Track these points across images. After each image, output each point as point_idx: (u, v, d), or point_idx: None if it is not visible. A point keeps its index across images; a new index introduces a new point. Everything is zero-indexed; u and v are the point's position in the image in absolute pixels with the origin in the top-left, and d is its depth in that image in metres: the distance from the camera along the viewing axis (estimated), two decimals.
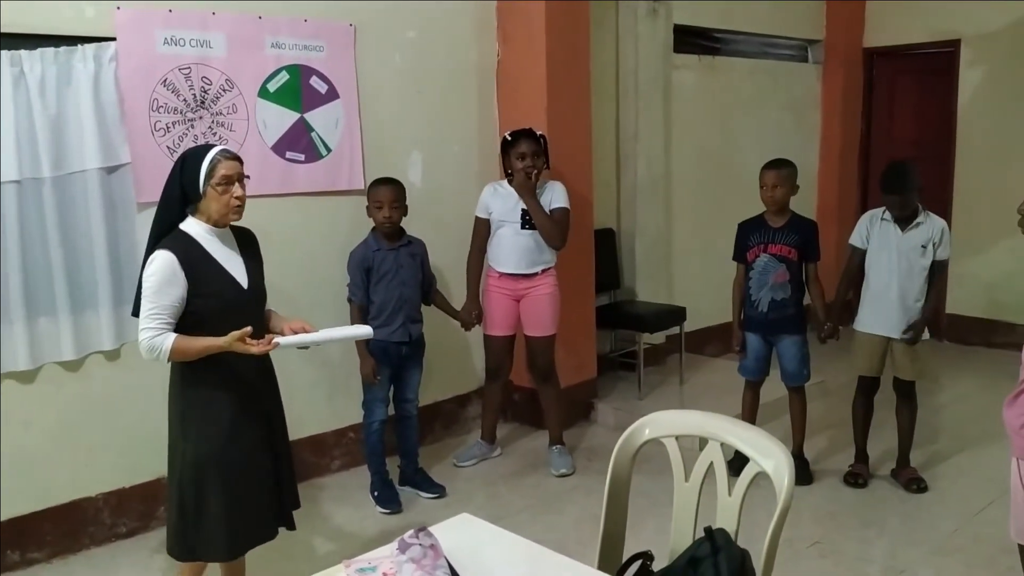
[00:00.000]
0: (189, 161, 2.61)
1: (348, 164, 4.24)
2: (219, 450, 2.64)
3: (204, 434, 2.64)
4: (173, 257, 2.52)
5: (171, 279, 2.51)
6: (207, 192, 2.57)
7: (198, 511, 2.64)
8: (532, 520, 3.80)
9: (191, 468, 2.64)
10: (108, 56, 3.49)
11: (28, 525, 3.49)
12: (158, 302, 2.51)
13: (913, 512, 3.87)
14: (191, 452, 2.64)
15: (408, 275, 3.92)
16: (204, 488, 2.64)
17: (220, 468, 2.64)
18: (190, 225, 2.62)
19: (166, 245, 2.55)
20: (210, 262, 2.61)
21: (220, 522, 2.65)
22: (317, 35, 4.07)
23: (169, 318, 2.52)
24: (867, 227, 4.03)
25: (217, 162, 2.58)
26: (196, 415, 2.65)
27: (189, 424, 2.65)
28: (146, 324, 2.51)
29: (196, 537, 2.67)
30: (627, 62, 5.50)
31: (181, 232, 2.61)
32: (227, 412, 2.65)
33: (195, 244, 2.59)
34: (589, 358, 5.13)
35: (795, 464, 2.04)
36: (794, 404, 4.20)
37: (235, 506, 2.66)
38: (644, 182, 5.63)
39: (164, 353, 2.51)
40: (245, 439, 2.70)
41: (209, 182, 2.57)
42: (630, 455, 2.19)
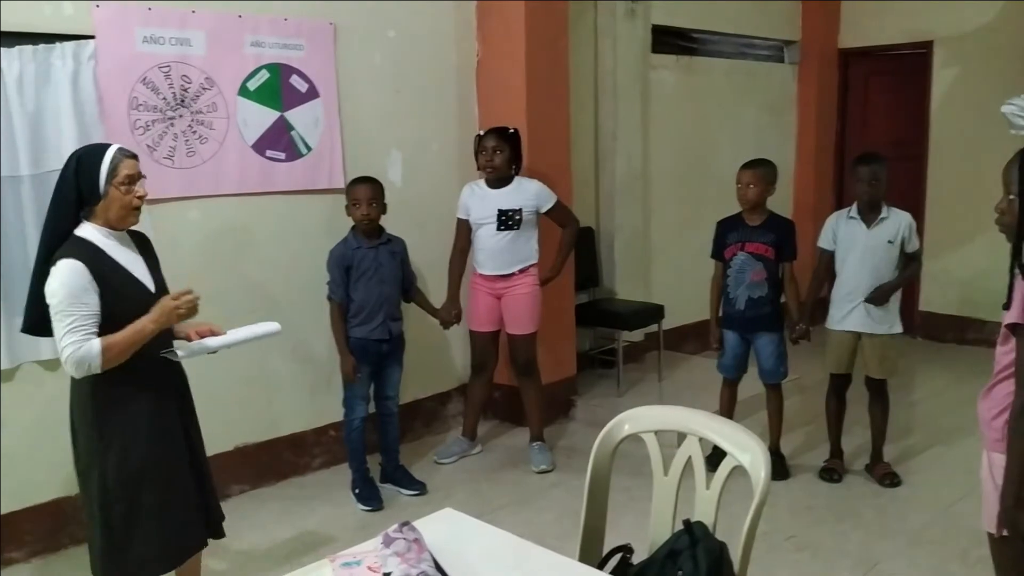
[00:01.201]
0: (86, 160, 2.47)
1: (328, 163, 4.25)
2: (145, 462, 2.54)
3: (127, 448, 2.51)
4: (81, 264, 2.38)
5: (85, 287, 2.38)
6: (109, 192, 2.45)
7: (128, 528, 2.54)
8: (512, 516, 3.83)
9: (117, 485, 2.51)
10: (87, 54, 3.48)
11: (7, 524, 3.47)
12: (76, 313, 2.36)
13: (887, 506, 3.93)
14: (114, 468, 2.51)
15: (388, 273, 3.94)
16: (134, 503, 2.54)
17: (148, 480, 2.55)
18: (87, 231, 2.47)
19: (69, 253, 2.39)
20: (116, 268, 2.48)
21: (153, 535, 2.56)
22: (297, 34, 4.08)
23: (92, 328, 2.38)
24: (833, 228, 4.10)
25: (119, 161, 2.47)
26: (115, 430, 2.51)
27: (108, 440, 2.50)
28: (68, 339, 2.35)
29: (128, 555, 2.55)
30: (605, 62, 5.54)
31: (79, 239, 2.45)
32: (146, 424, 2.55)
33: (98, 250, 2.45)
34: (569, 356, 5.16)
35: (772, 460, 2.08)
36: (771, 401, 4.25)
37: (167, 517, 2.59)
38: (623, 181, 5.68)
39: (95, 361, 2.37)
40: (168, 450, 2.63)
41: (112, 181, 2.45)
42: (610, 450, 2.22)
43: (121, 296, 2.46)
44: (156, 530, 2.57)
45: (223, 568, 3.48)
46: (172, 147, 3.74)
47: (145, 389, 2.55)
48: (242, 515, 3.89)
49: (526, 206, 4.20)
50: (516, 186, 4.24)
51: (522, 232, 4.22)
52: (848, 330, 4.03)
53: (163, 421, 2.61)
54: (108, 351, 2.38)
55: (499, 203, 4.19)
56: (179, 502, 2.64)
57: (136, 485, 2.53)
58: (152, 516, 2.56)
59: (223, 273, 3.94)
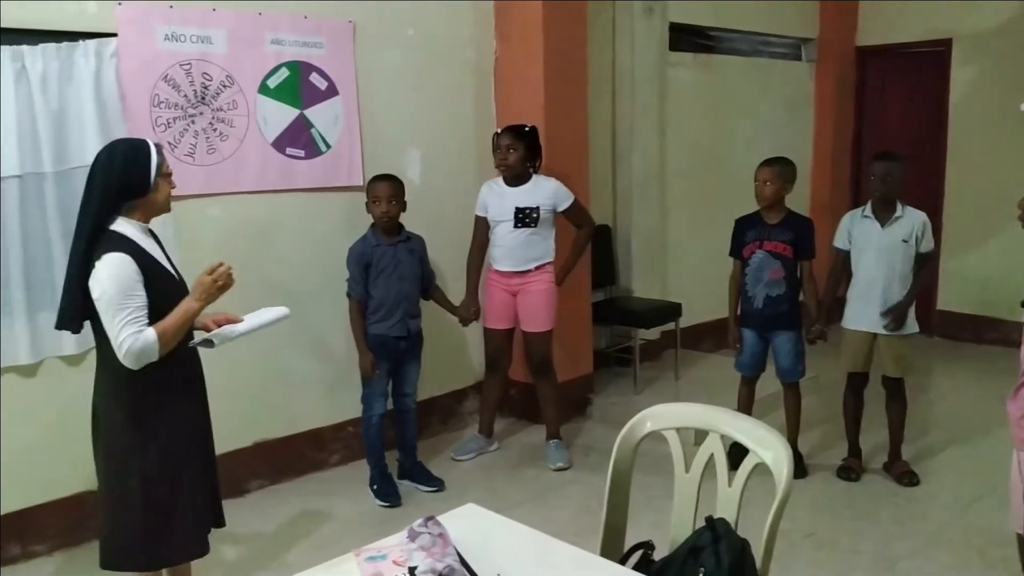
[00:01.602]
0: (135, 154, 2.51)
1: (347, 160, 4.27)
2: (183, 451, 2.61)
3: (167, 436, 2.57)
4: (128, 258, 2.41)
5: (135, 279, 2.41)
6: (158, 185, 2.52)
7: (168, 515, 2.58)
8: (530, 513, 3.83)
9: (159, 473, 2.56)
10: (109, 52, 3.51)
11: (30, 518, 3.52)
12: (130, 305, 2.39)
13: (905, 505, 3.92)
14: (156, 457, 2.55)
15: (407, 270, 3.95)
16: (174, 490, 2.58)
17: (185, 468, 2.62)
18: (122, 226, 2.49)
19: (114, 248, 2.41)
20: (151, 260, 2.52)
21: (190, 522, 2.63)
22: (317, 32, 4.10)
23: (144, 320, 2.41)
24: (848, 227, 4.09)
25: (162, 155, 2.55)
26: (153, 420, 2.56)
27: (148, 430, 2.55)
28: (125, 332, 2.37)
29: (168, 541, 2.60)
30: (623, 60, 5.54)
31: (118, 234, 2.47)
32: (182, 413, 2.63)
33: (136, 245, 2.48)
34: (585, 354, 5.16)
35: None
36: (789, 399, 4.24)
37: (201, 503, 2.68)
38: (640, 179, 5.67)
39: (153, 349, 2.41)
40: (201, 438, 2.72)
41: (161, 173, 2.52)
42: (632, 447, 2.23)
43: (158, 286, 2.50)
44: (192, 516, 2.64)
45: (243, 561, 3.50)
46: (193, 144, 3.77)
47: (178, 379, 2.60)
48: (261, 510, 3.92)
49: (543, 204, 4.21)
50: (534, 184, 4.25)
51: (539, 230, 4.22)
52: (863, 330, 4.02)
53: (195, 409, 2.70)
54: (162, 337, 2.42)
55: (516, 201, 4.20)
56: (209, 491, 2.73)
57: (176, 473, 2.59)
58: (189, 503, 2.62)
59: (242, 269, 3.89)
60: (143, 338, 2.38)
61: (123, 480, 2.57)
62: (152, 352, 2.41)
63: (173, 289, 2.57)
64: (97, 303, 2.41)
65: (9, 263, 3.35)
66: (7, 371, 3.41)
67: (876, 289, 3.96)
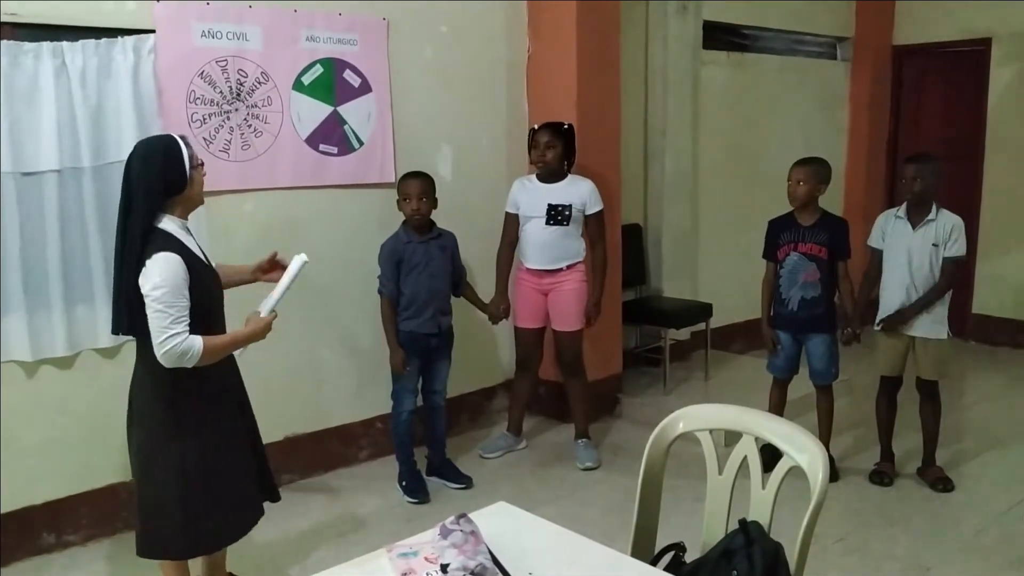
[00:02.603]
0: (171, 151, 2.57)
1: (380, 157, 4.28)
2: (222, 439, 2.72)
3: (207, 426, 2.67)
4: (179, 258, 2.49)
5: (184, 280, 2.49)
6: (193, 177, 2.60)
7: (206, 501, 2.67)
8: (558, 512, 3.82)
9: (199, 460, 2.65)
10: (147, 48, 3.54)
11: (64, 508, 3.56)
12: (177, 305, 2.47)
13: (939, 511, 3.87)
14: (196, 445, 2.64)
15: (438, 267, 3.95)
16: (212, 477, 2.68)
17: (223, 456, 2.72)
18: (167, 224, 2.57)
19: (164, 247, 2.49)
20: (194, 256, 2.60)
21: (228, 508, 2.73)
22: (351, 29, 4.11)
23: (188, 320, 2.49)
24: (882, 227, 4.05)
25: (190, 147, 2.62)
26: (194, 412, 2.65)
27: (187, 422, 2.64)
28: (173, 330, 2.45)
29: (205, 526, 2.69)
30: (656, 58, 5.51)
31: (165, 233, 2.55)
32: (221, 403, 2.74)
33: (181, 244, 2.56)
34: (615, 353, 5.15)
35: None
36: (821, 402, 4.20)
37: (238, 489, 2.78)
38: (671, 178, 5.64)
39: (196, 356, 2.49)
40: (238, 426, 2.82)
41: (194, 166, 2.60)
42: (664, 447, 2.22)
43: (201, 281, 2.59)
44: (229, 502, 2.74)
45: (273, 556, 3.52)
46: (228, 140, 3.80)
47: (217, 369, 2.66)
48: (290, 504, 3.92)
49: (576, 203, 4.19)
50: (569, 182, 4.24)
51: (571, 229, 4.21)
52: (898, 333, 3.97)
53: (233, 399, 2.82)
54: (207, 351, 2.51)
55: (549, 198, 4.19)
56: (245, 474, 2.83)
57: (215, 463, 2.68)
58: (229, 491, 2.73)
59: None
60: (189, 343, 2.47)
61: (162, 470, 2.65)
62: (193, 358, 2.49)
63: (212, 281, 2.69)
64: (146, 298, 2.46)
65: (47, 256, 3.39)
66: (44, 362, 3.46)
67: (908, 292, 3.92)
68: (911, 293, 3.91)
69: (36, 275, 3.39)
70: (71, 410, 3.55)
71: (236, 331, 2.67)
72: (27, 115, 3.30)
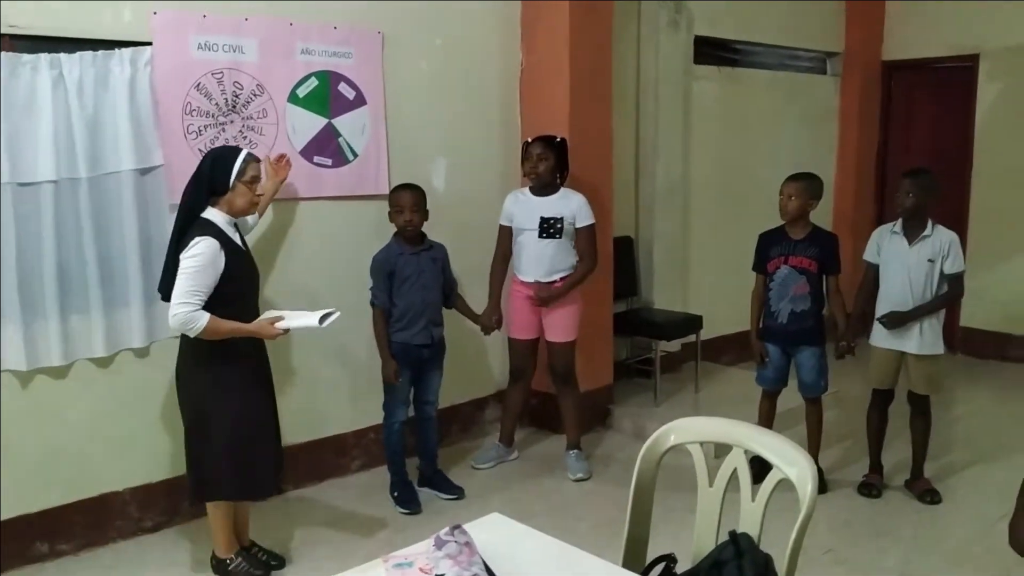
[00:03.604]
0: (220, 159, 3.09)
1: (374, 169, 4.31)
2: (257, 401, 3.22)
3: (243, 389, 3.17)
4: (216, 243, 2.97)
5: (213, 262, 2.95)
6: (236, 187, 3.06)
7: (249, 452, 3.15)
8: (549, 523, 3.79)
9: (239, 418, 3.13)
10: (144, 60, 3.57)
11: (57, 517, 3.57)
12: (199, 281, 2.92)
13: (927, 522, 3.91)
14: (238, 403, 3.14)
15: (430, 279, 3.98)
16: (252, 432, 3.17)
17: (258, 415, 3.21)
18: (214, 215, 3.07)
19: (207, 232, 2.98)
20: (233, 245, 3.08)
21: (268, 459, 3.26)
22: (346, 42, 4.15)
23: (204, 298, 2.94)
24: (878, 241, 4.09)
25: (248, 163, 3.09)
26: (234, 378, 3.14)
27: (229, 386, 3.13)
28: (186, 299, 2.90)
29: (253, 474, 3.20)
30: (648, 72, 5.56)
31: (209, 221, 3.04)
32: (256, 372, 3.24)
33: (221, 231, 3.04)
34: (606, 364, 5.18)
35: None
36: (810, 415, 4.24)
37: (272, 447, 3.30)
38: (662, 191, 5.69)
39: (197, 329, 2.92)
40: (268, 392, 3.31)
41: (241, 179, 3.07)
42: (655, 459, 2.24)
43: (237, 266, 3.05)
44: (268, 458, 3.26)
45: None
46: None
47: (248, 344, 3.15)
48: (283, 514, 3.95)
49: (567, 216, 4.23)
50: (561, 196, 4.28)
51: (564, 242, 4.25)
52: (891, 347, 4.01)
53: (264, 375, 3.31)
54: (209, 329, 2.95)
55: (542, 211, 4.23)
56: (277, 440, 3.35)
57: (255, 417, 3.20)
58: (265, 445, 3.24)
59: (269, 275, 4.01)
60: (197, 315, 2.91)
61: (212, 423, 3.13)
62: (195, 330, 2.92)
63: (250, 271, 3.22)
64: (179, 270, 2.94)
65: (43, 266, 3.41)
66: (39, 372, 3.47)
67: (900, 307, 3.95)
68: (907, 307, 3.95)
69: (32, 285, 3.40)
70: (65, 419, 3.56)
71: (243, 324, 3.05)
72: (25, 126, 3.32)
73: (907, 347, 3.99)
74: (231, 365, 3.12)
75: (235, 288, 3.06)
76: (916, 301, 3.94)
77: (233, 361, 3.11)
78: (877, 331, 4.08)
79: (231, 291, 3.03)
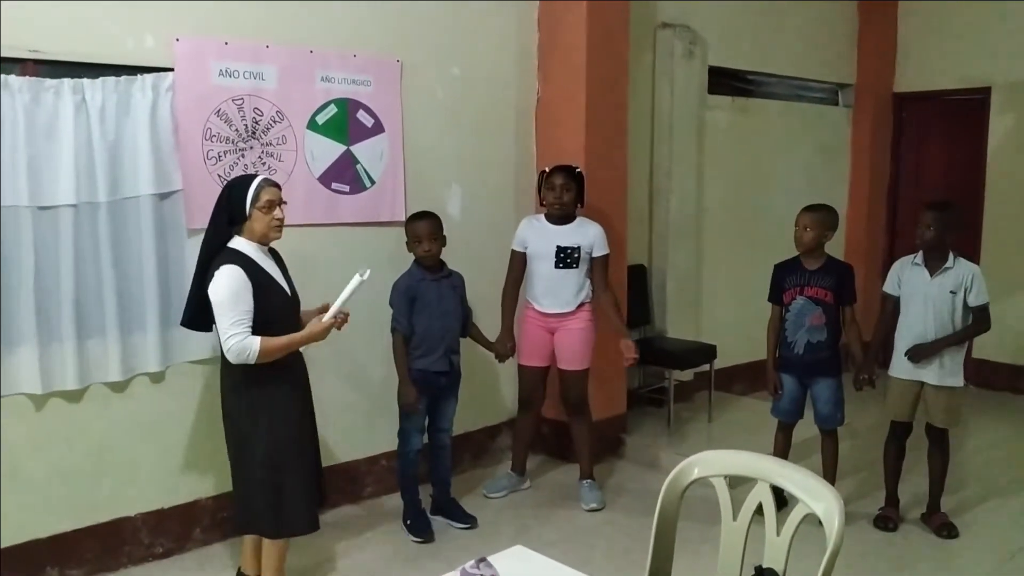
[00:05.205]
0: (236, 188, 3.05)
1: (391, 196, 4.33)
2: (295, 435, 3.11)
3: (280, 422, 3.06)
4: (239, 269, 2.92)
5: (245, 287, 2.92)
6: (252, 214, 3.01)
7: (286, 489, 3.06)
8: (563, 554, 3.76)
9: (275, 452, 3.04)
10: (165, 86, 3.59)
11: (68, 542, 3.55)
12: (238, 308, 2.90)
13: (943, 557, 3.87)
14: (270, 437, 3.04)
15: (449, 306, 3.98)
16: (288, 469, 3.07)
17: (296, 450, 3.11)
18: (239, 243, 3.03)
19: (229, 260, 2.94)
20: (264, 275, 3.03)
21: (302, 498, 3.12)
22: (365, 70, 4.18)
23: (249, 323, 2.92)
24: (898, 274, 4.08)
25: (261, 188, 3.04)
26: (267, 408, 3.04)
27: (261, 416, 3.04)
28: (233, 331, 2.88)
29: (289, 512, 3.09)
30: (663, 102, 5.59)
31: (233, 250, 3.00)
32: (292, 402, 3.13)
33: (249, 259, 3.00)
34: (619, 393, 5.16)
35: None
36: (826, 447, 4.21)
37: (310, 483, 3.17)
38: (676, 220, 5.69)
39: (253, 355, 2.89)
40: (305, 425, 3.20)
41: (255, 205, 3.01)
42: (678, 493, 2.22)
43: (267, 296, 3.01)
44: (302, 495, 3.13)
45: None
46: None
47: (287, 375, 3.10)
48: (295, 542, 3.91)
49: (585, 246, 4.24)
50: (578, 225, 4.28)
51: (580, 270, 4.25)
52: (910, 379, 3.99)
53: (302, 405, 3.21)
54: (264, 351, 2.92)
55: (558, 240, 4.23)
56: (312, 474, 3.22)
57: (287, 456, 3.08)
58: (298, 483, 3.11)
59: None
60: (248, 341, 2.89)
61: (248, 459, 3.08)
62: (252, 356, 2.89)
63: (282, 303, 3.10)
64: (214, 307, 2.92)
65: (60, 289, 3.41)
66: (54, 395, 3.46)
67: (921, 339, 3.94)
68: (928, 339, 3.94)
69: (49, 308, 3.40)
70: (79, 443, 3.54)
71: (293, 335, 3.03)
72: (46, 150, 3.34)
73: (926, 378, 3.96)
74: (266, 390, 3.05)
75: (262, 317, 2.98)
76: (937, 333, 3.92)
77: (269, 386, 3.05)
78: (896, 362, 4.05)
79: (259, 320, 2.97)
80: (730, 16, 5.99)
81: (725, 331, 5.92)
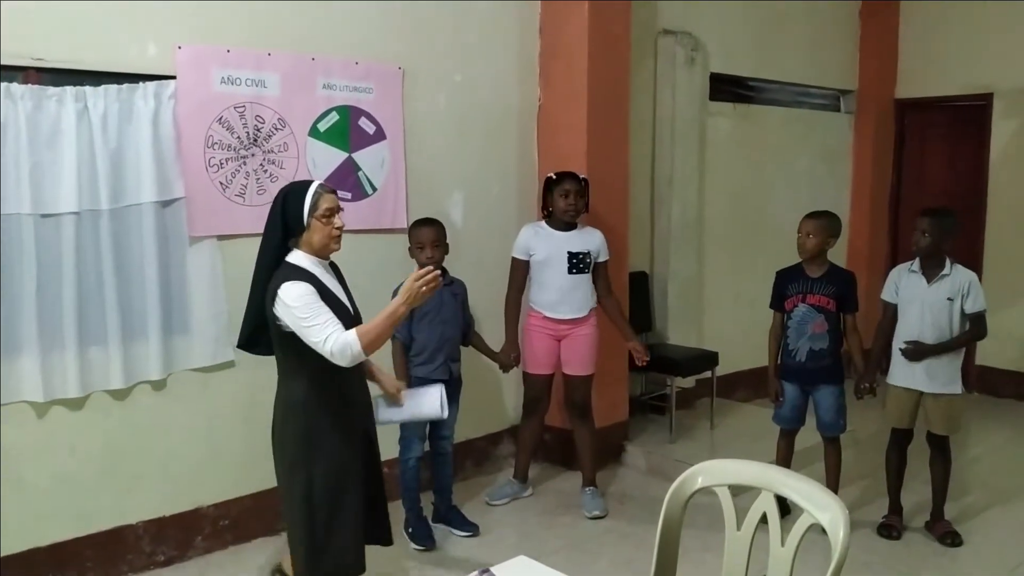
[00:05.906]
0: (291, 196, 2.78)
1: (392, 203, 4.33)
2: (346, 473, 2.83)
3: (332, 457, 2.80)
4: (306, 283, 2.67)
5: (317, 296, 2.67)
6: (311, 224, 2.74)
7: (329, 530, 2.80)
8: (566, 562, 3.80)
9: (323, 490, 2.78)
10: (168, 93, 3.59)
11: (69, 550, 3.53)
12: (321, 312, 2.64)
13: (947, 565, 3.85)
14: (321, 475, 2.78)
15: (450, 314, 3.97)
16: (335, 508, 2.81)
17: (346, 489, 2.83)
18: (298, 258, 2.77)
19: (291, 277, 2.68)
20: (326, 291, 2.76)
21: (349, 539, 2.84)
22: (367, 77, 4.18)
23: (336, 321, 2.65)
24: (896, 281, 4.08)
25: (319, 196, 2.76)
26: (320, 439, 2.79)
27: (314, 450, 2.79)
28: (324, 335, 2.60)
29: (329, 556, 2.82)
30: (664, 109, 5.59)
31: (293, 265, 2.75)
32: (347, 434, 2.85)
33: (311, 275, 2.74)
34: (621, 400, 5.15)
35: None
36: (829, 454, 4.20)
37: (358, 525, 2.88)
38: (678, 226, 5.69)
39: (356, 350, 2.61)
40: (360, 458, 2.91)
41: (314, 214, 2.74)
42: (682, 502, 2.22)
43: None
44: (352, 535, 2.86)
45: None
46: (244, 185, 3.84)
47: (344, 402, 2.86)
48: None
49: (593, 251, 4.25)
50: (583, 231, 4.29)
51: (588, 276, 4.27)
52: (909, 387, 3.98)
53: (359, 432, 2.93)
54: (364, 336, 2.62)
55: (568, 246, 4.22)
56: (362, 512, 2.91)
57: (338, 492, 2.81)
58: (348, 522, 2.84)
59: None
60: (344, 337, 2.61)
61: (292, 496, 2.82)
62: (355, 349, 2.61)
63: (343, 318, 2.74)
64: (293, 328, 2.66)
65: (63, 297, 3.40)
66: (56, 403, 3.45)
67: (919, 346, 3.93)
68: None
69: (51, 316, 3.40)
70: (80, 451, 3.54)
71: (392, 304, 2.69)
72: (48, 158, 3.34)
73: (923, 386, 3.96)
74: (320, 418, 2.80)
75: None
76: (935, 339, 3.91)
77: (324, 413, 2.80)
78: (895, 370, 4.04)
79: None
80: (732, 22, 6.00)
81: (727, 338, 5.91)
